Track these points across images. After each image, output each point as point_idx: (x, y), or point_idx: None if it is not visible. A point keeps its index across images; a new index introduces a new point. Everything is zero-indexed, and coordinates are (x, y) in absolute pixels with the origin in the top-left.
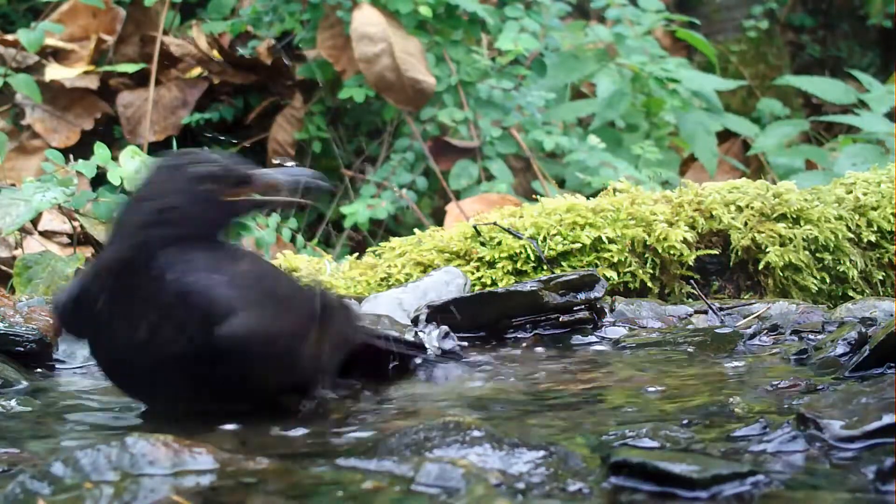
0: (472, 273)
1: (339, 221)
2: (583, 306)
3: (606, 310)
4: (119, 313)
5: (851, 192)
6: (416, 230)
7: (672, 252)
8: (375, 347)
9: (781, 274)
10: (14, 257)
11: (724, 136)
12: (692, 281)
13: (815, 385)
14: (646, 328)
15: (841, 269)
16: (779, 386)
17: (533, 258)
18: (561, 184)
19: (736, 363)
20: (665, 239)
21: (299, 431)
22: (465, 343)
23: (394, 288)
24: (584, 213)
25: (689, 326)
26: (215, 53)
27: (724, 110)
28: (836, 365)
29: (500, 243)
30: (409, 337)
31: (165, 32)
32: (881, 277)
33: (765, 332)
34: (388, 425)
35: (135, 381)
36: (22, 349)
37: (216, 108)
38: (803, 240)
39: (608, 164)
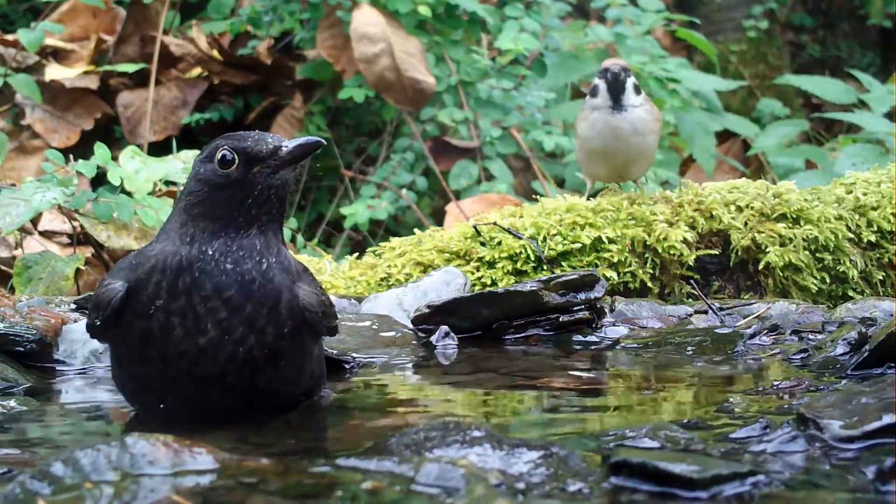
0: (472, 273)
1: (339, 221)
2: (583, 306)
3: (606, 310)
4: (180, 314)
5: (851, 192)
6: (416, 230)
7: (672, 252)
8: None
9: (781, 274)
10: (14, 257)
11: (724, 136)
12: (692, 281)
13: (815, 385)
14: (646, 328)
15: (841, 269)
16: (779, 386)
17: (533, 258)
18: (561, 184)
19: (736, 363)
20: (665, 239)
21: (299, 431)
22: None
23: (394, 288)
24: (584, 213)
25: (689, 326)
26: (215, 53)
27: (724, 110)
28: (836, 365)
29: (500, 243)
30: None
31: (165, 32)
32: (881, 277)
33: (765, 332)
34: (389, 425)
35: (176, 387)
36: (22, 349)
37: (216, 108)
38: (803, 240)
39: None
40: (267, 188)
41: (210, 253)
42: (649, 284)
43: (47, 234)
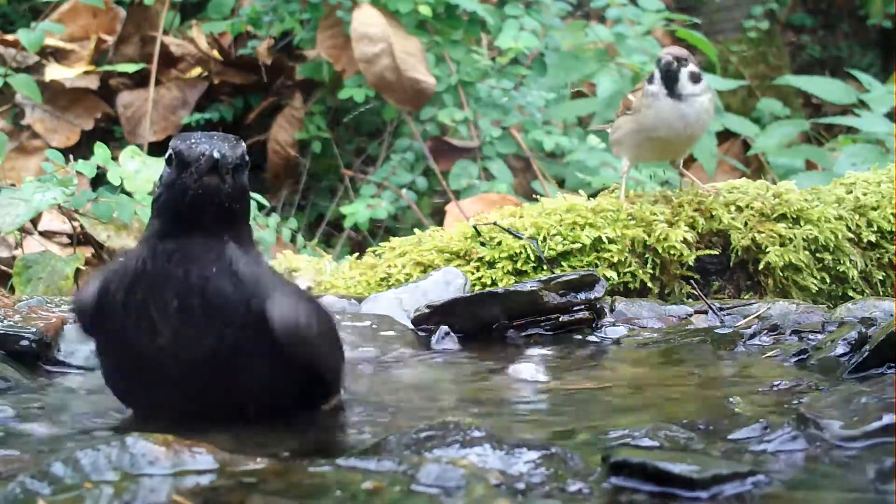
0: (472, 273)
1: (339, 221)
2: (583, 306)
3: (606, 310)
4: (135, 317)
5: (851, 192)
6: (416, 230)
7: (672, 252)
8: None
9: (781, 274)
10: (14, 257)
11: (725, 136)
12: (692, 281)
13: (815, 385)
14: (646, 328)
15: (841, 269)
16: (779, 386)
17: (533, 258)
18: (561, 184)
19: (736, 363)
20: (665, 239)
21: (299, 431)
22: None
23: (394, 288)
24: (584, 213)
25: (689, 326)
26: (215, 53)
27: (725, 110)
28: (836, 365)
29: (500, 243)
30: None
31: (165, 32)
32: (881, 277)
33: (765, 332)
34: (389, 425)
35: (147, 389)
36: (22, 349)
37: (216, 108)
38: (803, 240)
39: (608, 164)
40: (193, 192)
41: (157, 254)
42: (649, 284)
43: (47, 234)
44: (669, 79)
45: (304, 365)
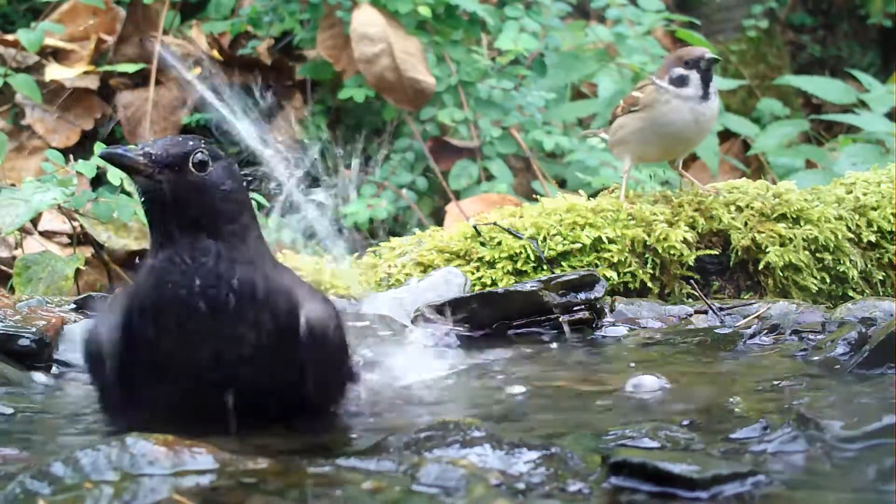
0: (472, 273)
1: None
2: (583, 306)
3: (606, 310)
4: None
5: (851, 192)
6: (416, 230)
7: (672, 252)
8: None
9: (781, 274)
10: (14, 257)
11: (725, 135)
12: (692, 281)
13: (815, 385)
14: (646, 328)
15: (841, 269)
16: (779, 386)
17: (533, 258)
18: (561, 184)
19: (736, 363)
20: (665, 239)
21: (299, 431)
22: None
23: (394, 288)
24: (584, 213)
25: (689, 326)
26: (215, 53)
27: (725, 110)
28: (836, 365)
29: (500, 243)
30: None
31: (165, 32)
32: (881, 277)
33: (765, 332)
34: (389, 425)
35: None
36: (21, 349)
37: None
38: (803, 240)
39: (608, 164)
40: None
41: (166, 276)
42: (649, 284)
43: (47, 234)
44: (708, 79)
45: (323, 364)
